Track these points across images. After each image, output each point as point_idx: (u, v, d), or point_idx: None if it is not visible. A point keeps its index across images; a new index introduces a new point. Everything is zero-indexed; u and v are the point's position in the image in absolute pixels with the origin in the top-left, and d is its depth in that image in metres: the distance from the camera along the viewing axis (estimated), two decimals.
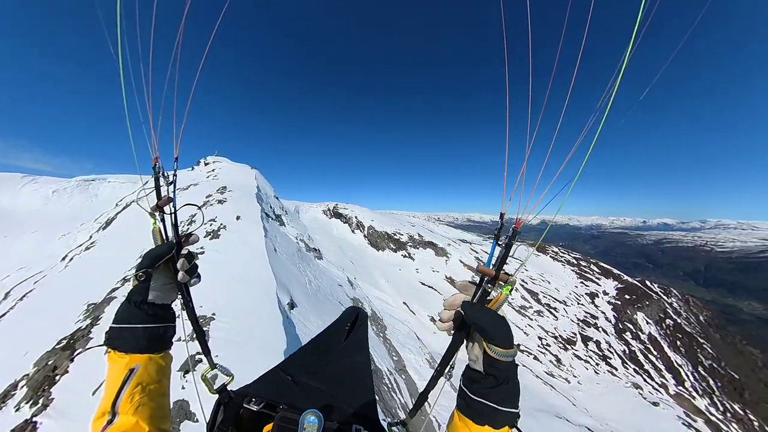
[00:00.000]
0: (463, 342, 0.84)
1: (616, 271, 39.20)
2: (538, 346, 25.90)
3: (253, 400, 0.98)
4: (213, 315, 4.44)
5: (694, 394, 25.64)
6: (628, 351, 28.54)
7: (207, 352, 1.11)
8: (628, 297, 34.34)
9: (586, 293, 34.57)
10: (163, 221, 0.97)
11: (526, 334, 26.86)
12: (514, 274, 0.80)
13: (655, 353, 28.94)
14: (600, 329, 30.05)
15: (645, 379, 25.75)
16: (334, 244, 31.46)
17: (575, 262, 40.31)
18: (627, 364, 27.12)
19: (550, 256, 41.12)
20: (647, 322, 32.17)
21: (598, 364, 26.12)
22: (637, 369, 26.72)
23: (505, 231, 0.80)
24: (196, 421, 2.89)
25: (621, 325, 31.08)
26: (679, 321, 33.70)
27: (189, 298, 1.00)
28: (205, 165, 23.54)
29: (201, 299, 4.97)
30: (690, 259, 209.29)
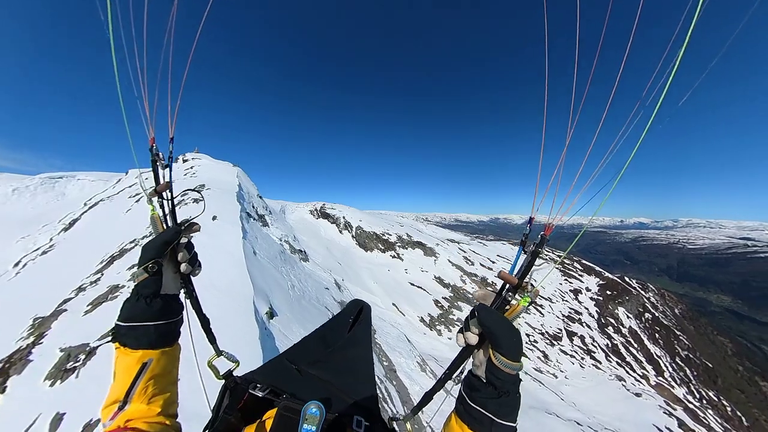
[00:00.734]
0: (477, 348, 0.80)
1: (597, 268, 40.43)
2: (526, 343, 26.22)
3: (258, 386, 0.99)
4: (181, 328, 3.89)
5: (673, 383, 26.68)
6: (610, 345, 29.38)
7: (213, 340, 1.10)
8: (609, 293, 35.45)
9: (570, 290, 35.42)
10: (162, 207, 0.96)
11: None
12: (537, 285, 0.76)
13: (635, 346, 29.94)
14: (584, 324, 30.80)
15: (627, 371, 26.55)
16: (321, 245, 30.75)
17: (558, 260, 41.30)
18: (610, 357, 27.90)
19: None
20: (628, 317, 33.30)
21: (583, 359, 26.71)
22: (619, 362, 27.52)
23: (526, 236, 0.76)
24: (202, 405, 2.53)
25: (603, 320, 32.00)
26: (656, 314, 35.10)
27: (192, 287, 0.99)
28: (184, 162, 22.30)
29: None
30: (664, 255, 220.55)
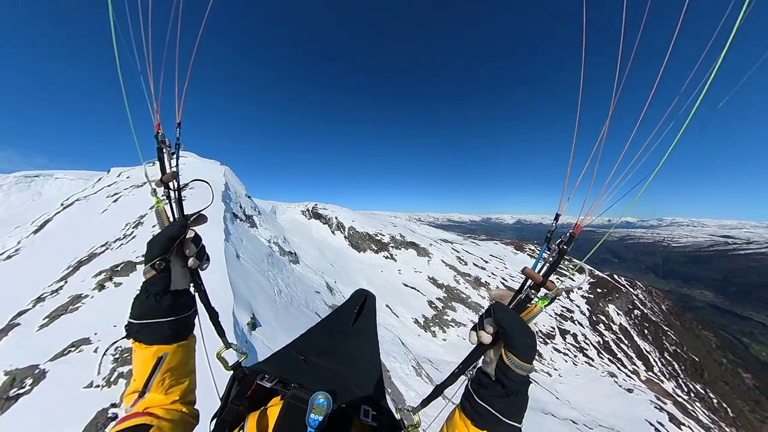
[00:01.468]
0: (489, 347, 0.78)
1: (588, 266, 40.93)
2: None
3: (266, 377, 0.99)
4: None
5: (662, 378, 27.17)
6: (602, 342, 29.73)
7: (221, 333, 1.10)
8: (599, 290, 35.95)
9: (562, 288, 35.76)
10: (169, 199, 0.94)
11: None
12: (560, 285, 0.75)
13: (626, 342, 30.41)
14: (576, 322, 31.09)
15: (619, 368, 26.89)
16: (313, 246, 30.14)
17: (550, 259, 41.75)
18: (602, 354, 28.21)
19: (528, 254, 42.25)
20: (618, 314, 33.83)
21: (576, 356, 26.91)
22: (611, 358, 27.85)
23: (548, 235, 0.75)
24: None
25: (594, 318, 32.40)
26: (645, 311, 35.79)
27: (200, 281, 0.97)
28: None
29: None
30: (650, 253, 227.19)
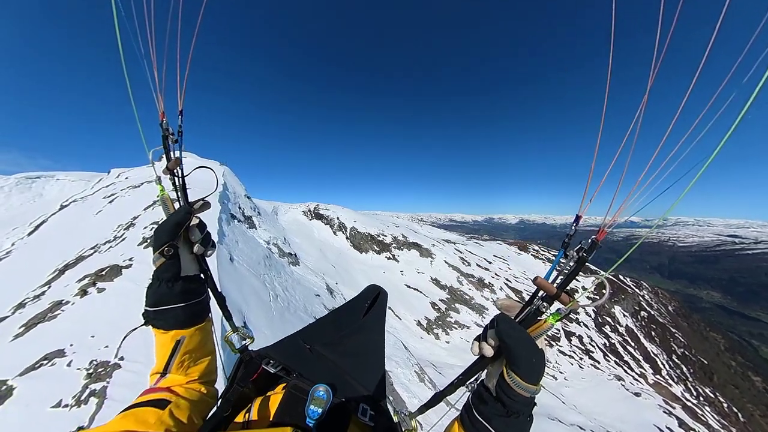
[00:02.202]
0: (493, 360, 0.75)
1: (592, 267, 40.36)
2: None
3: (271, 362, 1.00)
4: (120, 359, 3.11)
5: (671, 381, 26.61)
6: (608, 344, 29.19)
7: (228, 317, 1.13)
8: (605, 292, 35.40)
9: (566, 290, 35.24)
10: (174, 186, 0.97)
11: None
12: (578, 298, 0.66)
13: (633, 344, 29.84)
14: (581, 324, 30.58)
15: (626, 371, 26.37)
16: (314, 247, 29.91)
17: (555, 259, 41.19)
18: (608, 356, 27.68)
19: (531, 254, 41.72)
20: (624, 315, 33.24)
21: (581, 359, 26.43)
22: (617, 361, 27.32)
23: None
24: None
25: (600, 319, 31.86)
26: (652, 312, 35.13)
27: (207, 267, 1.00)
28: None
29: (108, 333, 3.59)
30: (656, 253, 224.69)
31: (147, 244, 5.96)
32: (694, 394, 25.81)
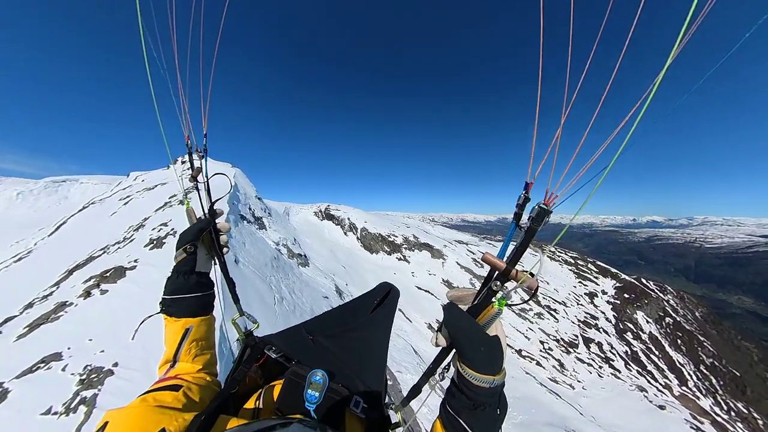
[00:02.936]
0: (449, 350, 0.75)
1: (613, 269, 38.59)
2: (540, 351, 24.86)
3: (273, 348, 1.08)
4: (114, 366, 3.01)
5: (698, 394, 25.02)
6: (630, 352, 27.79)
7: (237, 301, 1.23)
8: (626, 296, 33.73)
9: (585, 293, 33.81)
10: (197, 189, 1.14)
11: (527, 338, 25.83)
12: (530, 270, 0.62)
13: (657, 353, 28.27)
14: (601, 330, 29.26)
15: (649, 381, 25.00)
16: (325, 247, 29.99)
17: (573, 262, 39.64)
18: (630, 365, 26.34)
19: (548, 256, 40.35)
20: (647, 321, 31.58)
21: (601, 367, 25.25)
22: (640, 370, 25.95)
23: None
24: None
25: (621, 325, 30.39)
26: (678, 319, 33.19)
27: (223, 260, 1.14)
28: (182, 164, 21.81)
29: (105, 338, 3.51)
30: (680, 255, 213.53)
31: (153, 245, 5.98)
32: (725, 408, 24.17)
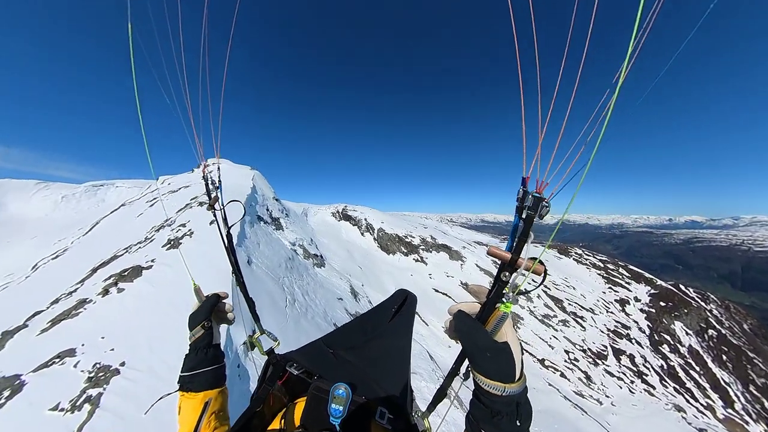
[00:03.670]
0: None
1: (647, 274, 35.85)
2: (565, 361, 23.48)
3: (294, 365, 1.08)
4: (121, 365, 3.02)
5: (747, 418, 22.54)
6: (666, 366, 25.59)
7: (257, 320, 1.23)
8: (663, 304, 31.16)
9: (615, 300, 31.63)
10: (215, 216, 1.19)
11: (551, 347, 24.50)
12: (537, 260, 0.64)
13: (697, 369, 25.83)
14: (633, 341, 27.22)
15: (688, 400, 22.86)
16: (342, 248, 30.18)
17: (602, 265, 37.26)
18: (666, 381, 24.23)
19: (574, 259, 38.28)
20: (687, 333, 28.98)
21: (632, 382, 23.44)
22: (677, 388, 23.80)
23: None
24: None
25: (657, 337, 28.10)
26: (723, 331, 30.21)
27: (242, 279, 1.22)
28: (205, 167, 22.74)
29: (115, 337, 3.56)
30: (725, 259, 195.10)
31: (170, 245, 6.17)
32: None
